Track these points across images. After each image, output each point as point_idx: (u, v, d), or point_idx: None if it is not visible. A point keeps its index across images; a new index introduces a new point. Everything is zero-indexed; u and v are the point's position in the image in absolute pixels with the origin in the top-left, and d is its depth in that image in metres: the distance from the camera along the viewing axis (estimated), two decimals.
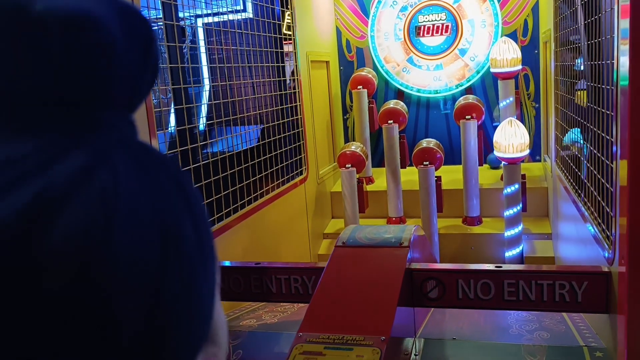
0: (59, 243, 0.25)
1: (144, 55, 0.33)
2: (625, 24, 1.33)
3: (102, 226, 0.26)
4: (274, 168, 3.76)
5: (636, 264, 1.39)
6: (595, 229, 2.29)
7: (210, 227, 0.35)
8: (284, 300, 2.48)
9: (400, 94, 5.23)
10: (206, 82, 3.64)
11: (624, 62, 1.34)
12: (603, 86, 2.18)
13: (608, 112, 2.01)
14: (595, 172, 2.36)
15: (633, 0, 1.23)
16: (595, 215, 2.34)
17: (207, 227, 0.34)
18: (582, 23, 2.73)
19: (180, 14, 3.26)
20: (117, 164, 0.29)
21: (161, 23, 2.93)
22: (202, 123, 3.45)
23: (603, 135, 2.15)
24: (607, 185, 2.03)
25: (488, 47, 4.88)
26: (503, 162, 3.92)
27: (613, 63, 1.77)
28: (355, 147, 4.33)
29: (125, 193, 0.28)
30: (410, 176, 4.52)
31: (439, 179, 4.12)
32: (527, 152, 3.88)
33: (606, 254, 1.99)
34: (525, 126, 4.29)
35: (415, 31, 5.12)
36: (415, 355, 2.15)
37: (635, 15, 1.24)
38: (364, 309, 1.92)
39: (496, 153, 3.91)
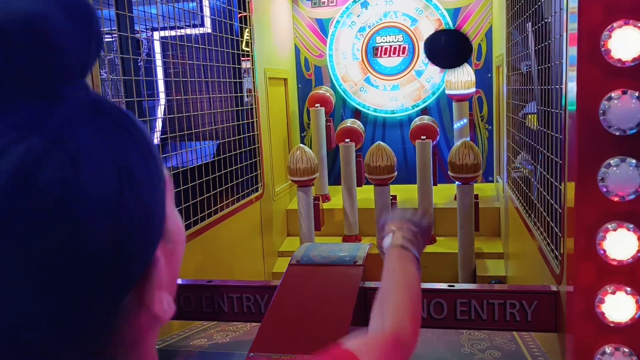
0: (42, 187, 0.35)
1: (89, 31, 0.40)
2: (573, 51, 1.36)
3: (72, 174, 0.36)
4: (229, 184, 3.71)
5: (583, 283, 1.42)
6: (545, 248, 2.34)
7: (157, 154, 0.45)
8: (236, 320, 2.42)
9: (357, 113, 5.27)
10: (161, 95, 3.58)
11: (572, 87, 1.38)
12: (553, 110, 2.24)
13: (557, 135, 2.07)
14: (544, 194, 2.41)
15: (580, 28, 1.27)
16: (545, 235, 2.39)
17: (153, 156, 0.43)
18: (533, 49, 2.81)
19: (137, 27, 3.20)
20: (79, 126, 0.38)
21: (116, 35, 2.87)
22: (156, 137, 3.38)
23: (552, 157, 2.21)
24: (556, 207, 2.08)
25: (444, 70, 4.98)
26: (457, 182, 3.98)
27: (562, 88, 1.82)
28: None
29: (87, 149, 0.37)
30: (366, 194, 4.54)
31: (394, 197, 4.15)
32: (479, 173, 3.95)
33: (557, 272, 2.03)
34: (478, 147, 4.38)
35: (373, 51, 5.18)
36: None
37: (582, 42, 1.27)
38: (316, 328, 1.89)
39: (450, 173, 3.97)
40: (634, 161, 1.24)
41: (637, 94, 1.22)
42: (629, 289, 1.28)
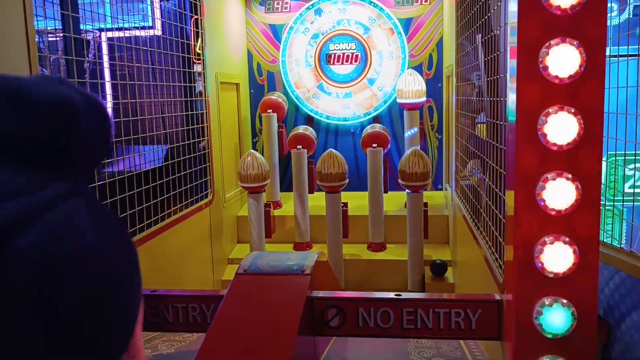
0: (20, 248, 0.35)
1: (101, 130, 0.45)
2: (513, 63, 1.39)
3: (57, 241, 0.37)
4: (178, 190, 3.63)
5: (521, 291, 1.45)
6: (490, 257, 2.39)
7: (138, 264, 0.46)
8: (181, 330, 2.37)
9: (309, 120, 5.28)
10: (109, 98, 3.48)
11: (512, 99, 1.41)
12: (498, 122, 2.29)
13: (502, 147, 2.11)
14: (489, 203, 2.46)
15: (520, 42, 1.30)
16: (490, 244, 2.44)
17: (137, 266, 0.45)
18: (482, 60, 2.87)
19: (82, 27, 3.11)
20: (72, 205, 0.40)
21: (60, 35, 2.78)
22: None
23: (497, 168, 2.26)
24: (500, 216, 2.12)
25: (395, 78, 5.05)
26: (407, 190, 4.03)
27: (506, 100, 1.86)
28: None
29: (78, 221, 0.39)
30: (317, 201, 4.54)
31: (345, 204, 4.16)
32: (429, 181, 4.01)
33: (500, 281, 2.07)
34: (428, 156, 4.45)
35: (326, 59, 5.20)
36: None
37: (521, 57, 1.30)
38: (263, 337, 1.87)
39: (400, 181, 4.01)
40: (570, 175, 1.27)
41: (573, 110, 1.25)
42: (565, 300, 1.32)
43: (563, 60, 1.21)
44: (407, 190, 4.03)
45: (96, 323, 0.39)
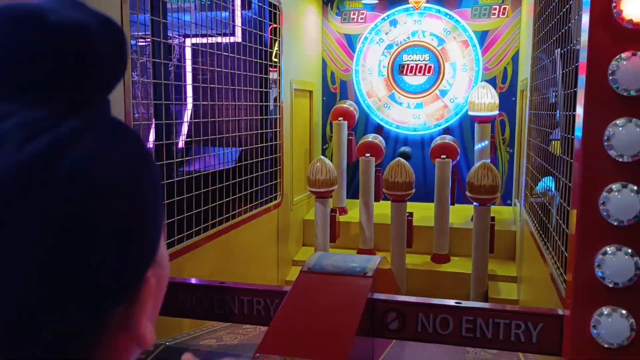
0: (63, 173, 0.37)
1: (117, 52, 0.45)
2: (582, 79, 1.40)
3: (90, 167, 0.39)
4: (249, 191, 3.78)
5: (580, 308, 1.44)
6: (555, 273, 2.35)
7: (161, 189, 0.50)
8: (245, 322, 2.47)
9: (379, 129, 5.33)
10: (189, 100, 3.68)
11: (579, 113, 1.41)
12: (572, 137, 2.26)
13: (571, 161, 2.09)
14: (558, 219, 2.43)
15: (589, 58, 1.31)
16: (556, 259, 2.41)
17: (158, 177, 0.47)
18: (560, 73, 2.82)
19: (169, 33, 3.31)
20: (99, 129, 0.41)
21: (149, 40, 2.97)
22: (181, 140, 3.47)
23: (568, 183, 2.23)
24: (567, 231, 2.10)
25: (467, 91, 5.02)
26: (474, 203, 4.00)
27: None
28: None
29: (104, 145, 0.41)
30: (383, 210, 4.57)
31: (410, 214, 4.18)
32: (497, 195, 3.96)
33: (564, 297, 2.05)
34: (498, 170, 4.40)
35: (398, 69, 5.24)
36: None
37: (590, 71, 1.31)
38: (323, 334, 1.93)
39: (468, 194, 3.98)
40: (635, 187, 1.27)
41: None
42: (624, 311, 1.30)
43: (632, 71, 1.21)
44: (474, 203, 4.00)
45: (133, 240, 0.41)
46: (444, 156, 4.34)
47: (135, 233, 0.42)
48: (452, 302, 2.18)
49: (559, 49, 2.90)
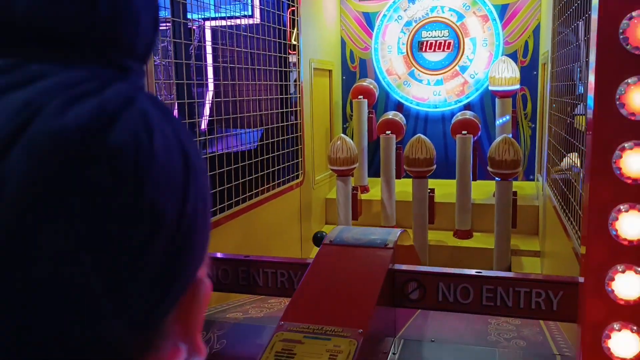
0: (114, 142, 0.32)
1: (154, 18, 0.41)
2: (592, 55, 1.41)
3: (145, 136, 0.34)
4: (271, 170, 3.83)
5: (594, 271, 1.46)
6: (577, 247, 2.36)
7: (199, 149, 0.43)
8: (269, 294, 2.54)
9: (399, 107, 5.32)
10: (210, 81, 3.73)
11: (591, 88, 1.42)
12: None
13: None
14: (580, 191, 2.42)
15: (599, 36, 1.32)
16: (576, 230, 2.41)
17: (199, 152, 0.41)
18: (583, 39, 2.77)
19: (189, 15, 3.35)
20: (147, 100, 0.37)
21: (170, 23, 3.02)
22: (203, 120, 3.53)
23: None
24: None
25: (488, 66, 4.97)
26: (496, 178, 3.99)
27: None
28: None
29: (157, 123, 0.36)
30: (404, 187, 4.59)
31: (432, 190, 4.19)
32: (519, 170, 3.95)
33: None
34: (520, 146, 4.37)
35: (418, 46, 5.22)
36: (394, 354, 2.21)
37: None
38: (344, 303, 1.98)
39: (489, 169, 3.98)
40: None
41: None
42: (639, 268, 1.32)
43: None
44: (496, 179, 3.99)
45: (192, 230, 0.36)
46: (465, 132, 4.33)
47: (195, 222, 0.37)
48: (472, 272, 2.22)
49: (581, 22, 2.87)
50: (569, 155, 3.08)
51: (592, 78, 1.40)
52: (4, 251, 0.29)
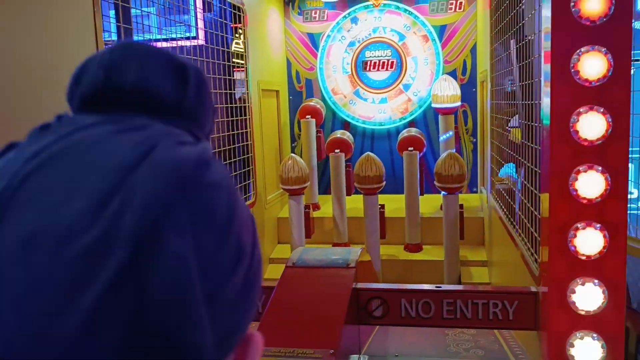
0: (214, 180, 0.38)
1: (214, 114, 0.49)
2: (547, 68, 1.52)
3: (230, 182, 0.40)
4: None
5: (556, 284, 1.57)
6: (526, 254, 2.49)
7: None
8: None
9: (346, 125, 5.43)
10: None
11: (546, 102, 1.54)
12: (534, 124, 2.40)
13: (537, 147, 2.23)
14: (525, 202, 2.57)
15: (553, 47, 1.43)
16: (525, 240, 2.55)
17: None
18: (516, 65, 2.98)
19: (135, 38, 3.33)
20: (215, 160, 0.41)
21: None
22: None
23: (533, 168, 2.37)
24: (536, 213, 2.24)
25: (430, 84, 5.17)
26: (443, 192, 4.14)
27: (540, 103, 1.98)
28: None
29: (226, 175, 0.40)
30: (354, 204, 4.68)
31: (382, 206, 4.29)
32: (464, 183, 4.11)
33: (536, 274, 2.18)
34: (463, 159, 4.55)
35: (362, 65, 5.35)
36: None
37: (555, 60, 1.43)
38: (313, 324, 2.02)
39: (436, 184, 4.12)
40: (599, 168, 1.40)
41: (602, 109, 1.38)
42: (596, 280, 1.44)
43: (592, 65, 1.34)
44: (443, 193, 4.14)
45: (258, 249, 0.41)
46: (411, 148, 4.47)
47: (260, 256, 0.41)
48: (432, 287, 2.30)
49: (513, 40, 3.06)
50: (508, 166, 3.26)
51: (547, 106, 1.51)
52: (135, 249, 0.32)
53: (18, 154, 0.37)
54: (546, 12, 1.48)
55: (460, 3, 5.17)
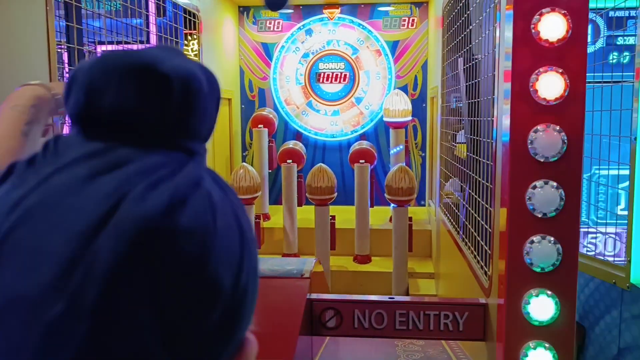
0: (186, 225, 0.36)
1: (216, 103, 0.45)
2: (507, 86, 1.59)
3: (210, 217, 0.38)
4: None
5: (511, 296, 1.62)
6: (475, 266, 2.56)
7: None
8: None
9: (298, 136, 5.45)
10: None
11: (505, 119, 1.60)
12: (483, 139, 2.48)
13: (488, 162, 2.30)
14: (475, 215, 2.64)
15: (514, 66, 1.50)
16: (475, 253, 2.62)
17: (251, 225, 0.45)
18: (463, 84, 3.08)
19: (85, 40, 3.24)
20: (209, 181, 0.41)
21: (64, 46, 2.90)
22: None
23: (483, 182, 2.44)
24: (487, 227, 2.30)
25: (382, 98, 5.26)
26: (393, 205, 4.20)
27: (493, 120, 2.05)
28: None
29: (218, 202, 0.40)
30: (305, 214, 4.68)
31: (333, 217, 4.32)
32: (414, 196, 4.19)
33: (485, 286, 2.24)
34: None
35: (315, 77, 5.39)
36: None
37: (515, 79, 1.50)
38: (268, 335, 1.99)
39: (386, 196, 4.18)
40: (555, 184, 1.46)
41: (558, 128, 1.45)
42: (549, 292, 1.50)
43: (550, 84, 1.41)
44: (392, 205, 4.20)
45: (247, 300, 0.40)
46: (362, 161, 4.52)
47: (246, 289, 0.40)
48: (385, 298, 2.33)
49: (461, 59, 3.17)
50: (455, 179, 3.35)
51: (506, 123, 1.57)
52: (97, 324, 0.33)
53: (3, 200, 0.38)
54: (507, 33, 1.54)
55: (413, 20, 5.30)
